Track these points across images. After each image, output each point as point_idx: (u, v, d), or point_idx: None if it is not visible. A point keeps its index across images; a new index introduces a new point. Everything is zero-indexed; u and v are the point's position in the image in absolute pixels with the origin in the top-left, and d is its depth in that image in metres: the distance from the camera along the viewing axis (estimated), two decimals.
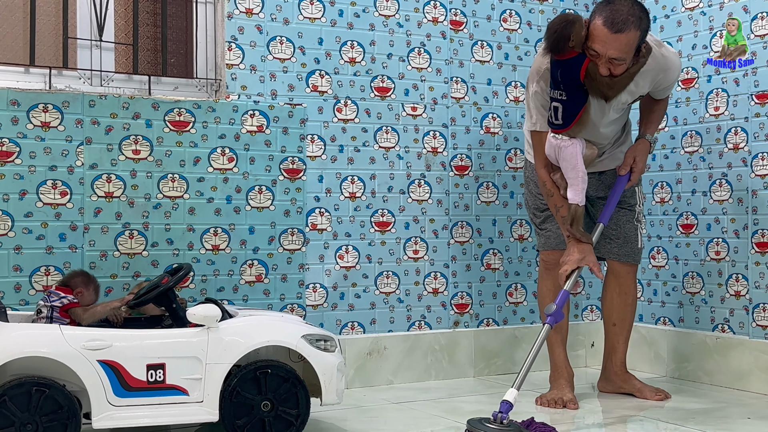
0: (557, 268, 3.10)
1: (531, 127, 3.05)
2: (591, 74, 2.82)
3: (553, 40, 2.83)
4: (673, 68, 3.00)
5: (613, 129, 3.08)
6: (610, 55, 2.77)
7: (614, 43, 2.74)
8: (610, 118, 3.00)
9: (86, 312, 2.56)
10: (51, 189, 2.87)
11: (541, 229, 3.21)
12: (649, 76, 2.95)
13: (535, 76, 2.94)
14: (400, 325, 3.44)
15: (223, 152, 3.13)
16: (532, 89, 2.97)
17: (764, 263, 3.22)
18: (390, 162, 3.43)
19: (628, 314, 3.25)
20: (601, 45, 2.76)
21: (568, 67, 2.83)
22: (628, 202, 3.17)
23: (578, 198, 2.93)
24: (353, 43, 3.37)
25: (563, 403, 3.02)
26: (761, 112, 3.24)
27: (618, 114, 3.03)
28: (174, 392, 2.38)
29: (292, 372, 2.49)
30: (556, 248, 3.15)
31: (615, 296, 3.24)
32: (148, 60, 3.32)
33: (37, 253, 2.85)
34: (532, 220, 3.28)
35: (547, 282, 3.19)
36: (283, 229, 3.22)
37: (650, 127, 3.16)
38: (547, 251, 3.18)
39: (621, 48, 2.76)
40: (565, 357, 3.18)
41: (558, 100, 2.88)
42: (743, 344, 3.27)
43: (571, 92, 2.85)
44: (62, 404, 2.26)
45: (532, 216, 3.27)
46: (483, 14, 3.63)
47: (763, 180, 3.24)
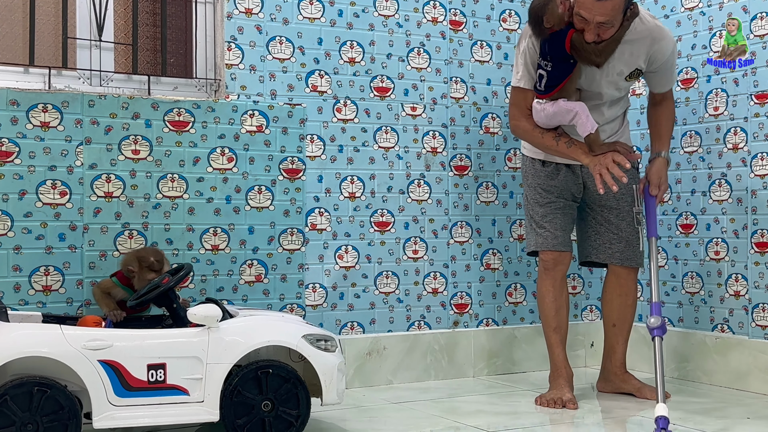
0: (557, 268, 3.11)
1: (515, 83, 3.11)
2: (577, 45, 2.92)
3: (533, 25, 2.99)
4: (667, 39, 3.05)
5: (612, 113, 3.12)
6: (598, 20, 2.85)
7: (600, 9, 2.84)
8: (606, 92, 3.03)
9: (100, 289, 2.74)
10: (50, 189, 2.87)
11: (540, 228, 3.16)
12: (643, 46, 3.01)
13: (528, 32, 3.04)
14: (399, 325, 3.44)
15: (223, 152, 3.12)
16: (523, 45, 3.06)
17: (764, 263, 3.23)
18: (389, 162, 3.43)
19: (629, 315, 3.25)
20: (587, 11, 2.85)
21: (553, 41, 2.95)
22: (625, 203, 3.17)
23: (589, 124, 2.93)
24: (353, 43, 3.37)
25: (562, 402, 3.02)
26: (761, 112, 3.25)
27: (614, 89, 3.05)
28: (174, 392, 2.37)
29: (294, 372, 2.49)
30: (554, 249, 3.13)
31: (615, 297, 3.24)
32: (147, 60, 3.32)
33: (37, 253, 2.84)
34: (531, 218, 3.19)
35: (547, 282, 3.17)
36: (283, 229, 3.22)
37: (663, 142, 3.20)
38: (546, 252, 3.15)
39: (607, 12, 2.84)
40: (565, 357, 3.18)
41: (544, 69, 2.99)
42: (742, 344, 3.28)
43: (557, 63, 2.96)
44: (63, 405, 2.25)
45: (531, 213, 3.19)
46: (482, 14, 3.63)
47: (762, 180, 3.24)
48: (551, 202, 3.15)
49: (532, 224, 3.20)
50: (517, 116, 3.13)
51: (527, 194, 3.23)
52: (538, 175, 3.17)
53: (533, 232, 3.18)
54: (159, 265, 2.73)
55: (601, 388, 3.29)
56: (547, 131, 3.06)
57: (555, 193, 3.15)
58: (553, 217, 3.14)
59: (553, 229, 3.14)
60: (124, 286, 2.75)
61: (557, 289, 3.15)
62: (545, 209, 3.16)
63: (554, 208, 3.15)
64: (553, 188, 3.15)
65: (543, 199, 3.16)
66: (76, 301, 2.89)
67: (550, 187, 3.15)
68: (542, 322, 3.21)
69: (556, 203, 3.16)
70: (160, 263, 2.74)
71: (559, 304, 3.17)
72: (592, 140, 2.96)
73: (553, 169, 3.15)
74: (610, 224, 3.17)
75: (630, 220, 3.18)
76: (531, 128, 3.09)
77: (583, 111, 2.96)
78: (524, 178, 3.25)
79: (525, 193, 3.25)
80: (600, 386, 3.30)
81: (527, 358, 3.67)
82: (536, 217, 3.18)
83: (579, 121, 2.95)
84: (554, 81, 2.98)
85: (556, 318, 3.16)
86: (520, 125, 3.12)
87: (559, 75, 2.97)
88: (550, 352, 3.19)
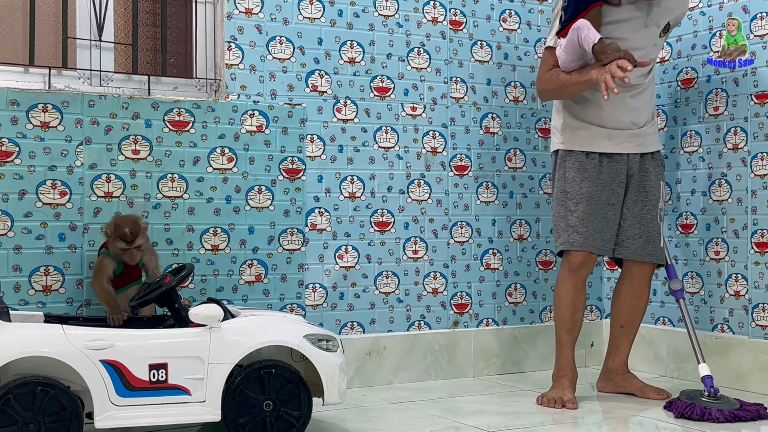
0: (581, 271, 3.09)
1: (546, 44, 3.17)
2: None
3: None
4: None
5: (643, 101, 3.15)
6: None
7: None
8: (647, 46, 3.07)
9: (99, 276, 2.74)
10: (50, 189, 2.86)
11: (572, 227, 3.06)
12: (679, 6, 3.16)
13: None
14: (399, 325, 3.44)
15: (223, 152, 3.12)
16: (558, 7, 3.10)
17: (764, 263, 3.23)
18: (389, 162, 3.43)
19: (638, 318, 3.25)
20: None
21: None
22: (653, 197, 3.16)
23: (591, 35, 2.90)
24: (353, 43, 3.37)
25: (563, 402, 3.01)
26: (761, 112, 3.25)
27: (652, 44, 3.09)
28: (176, 392, 2.37)
29: (296, 373, 2.49)
30: (584, 250, 3.06)
31: (627, 298, 3.22)
32: (147, 60, 3.31)
33: (37, 253, 2.84)
34: (564, 216, 3.09)
35: (568, 284, 3.10)
36: (283, 229, 3.22)
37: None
38: (576, 252, 3.06)
39: None
40: (573, 359, 3.16)
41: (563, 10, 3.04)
42: (742, 344, 3.28)
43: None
44: (66, 405, 2.25)
45: (568, 209, 3.08)
46: (482, 14, 3.63)
47: (762, 180, 3.24)
48: (593, 198, 3.07)
49: (566, 221, 3.10)
50: (540, 74, 3.17)
51: (565, 189, 3.11)
52: (584, 168, 3.09)
53: (566, 230, 3.09)
54: (131, 237, 2.71)
55: (602, 388, 3.29)
56: (562, 72, 3.07)
57: (598, 188, 3.08)
58: (594, 217, 3.06)
59: (588, 230, 3.07)
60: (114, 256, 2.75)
61: (577, 292, 3.11)
62: (590, 206, 3.07)
63: (595, 207, 3.07)
64: (597, 182, 3.08)
65: (589, 193, 3.07)
66: (76, 301, 2.88)
67: (595, 181, 3.08)
68: (556, 322, 3.18)
69: (598, 202, 3.07)
70: (134, 235, 2.71)
71: (576, 307, 3.14)
72: (599, 50, 2.91)
73: (597, 162, 3.09)
74: (635, 217, 3.14)
75: (654, 215, 3.17)
76: (549, 74, 3.10)
77: (584, 25, 2.93)
78: (561, 173, 3.15)
79: (561, 189, 3.14)
80: (600, 386, 3.30)
81: (527, 358, 3.68)
82: (573, 216, 3.08)
83: (582, 35, 2.92)
84: (571, 15, 2.98)
85: (571, 320, 3.13)
86: (541, 78, 3.15)
87: (576, 8, 2.97)
88: (558, 352, 3.17)
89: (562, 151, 3.15)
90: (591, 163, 3.09)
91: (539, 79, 3.18)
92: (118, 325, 2.62)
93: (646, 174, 3.17)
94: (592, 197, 3.07)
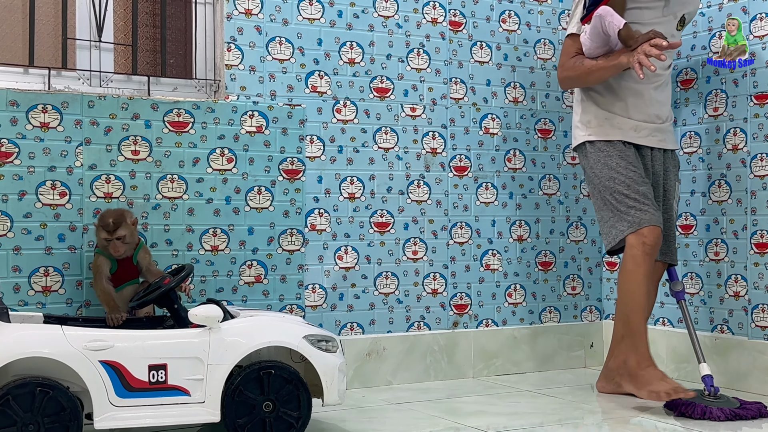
0: (654, 251, 2.98)
1: (568, 32, 3.17)
2: None
3: None
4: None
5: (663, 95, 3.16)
6: None
7: None
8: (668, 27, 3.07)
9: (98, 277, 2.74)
10: (50, 190, 2.86)
11: (631, 207, 2.99)
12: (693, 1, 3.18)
13: None
14: (399, 325, 3.44)
15: (222, 153, 3.12)
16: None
17: (763, 264, 3.23)
18: (389, 163, 3.43)
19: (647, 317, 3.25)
20: None
21: None
22: (670, 196, 3.17)
23: (616, 20, 2.89)
24: (352, 44, 3.37)
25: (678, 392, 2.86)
26: (760, 113, 3.25)
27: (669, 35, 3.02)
28: (176, 393, 2.37)
29: (296, 374, 2.49)
30: (659, 224, 2.99)
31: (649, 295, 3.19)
32: (147, 60, 3.31)
33: (36, 253, 2.84)
34: (620, 202, 3.02)
35: (643, 268, 2.97)
36: (283, 229, 3.22)
37: None
38: (652, 227, 2.96)
39: None
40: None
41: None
42: (742, 345, 3.28)
43: None
44: (65, 406, 2.24)
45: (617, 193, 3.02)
46: (482, 15, 3.63)
47: (762, 181, 3.24)
48: (642, 180, 3.05)
49: (624, 205, 3.02)
50: (562, 61, 3.17)
51: (612, 176, 3.06)
52: (626, 155, 3.08)
53: (629, 211, 3.00)
54: (114, 227, 2.71)
55: (602, 389, 3.28)
56: (587, 58, 3.07)
57: (640, 174, 3.07)
58: (650, 196, 3.03)
59: (651, 206, 3.00)
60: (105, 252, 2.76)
61: (649, 279, 3.03)
62: (644, 186, 3.02)
63: (647, 188, 3.04)
64: (639, 168, 3.08)
65: (638, 176, 3.04)
66: (76, 301, 2.88)
67: (637, 167, 3.08)
68: (629, 309, 3.02)
69: (648, 183, 3.07)
70: (116, 225, 2.71)
71: (649, 296, 3.11)
72: (625, 35, 2.90)
73: (633, 152, 3.11)
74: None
75: (671, 214, 3.19)
76: (572, 61, 3.10)
77: (607, 11, 2.92)
78: (602, 163, 3.10)
79: (608, 177, 3.07)
80: (600, 386, 3.29)
81: (527, 358, 3.68)
82: (635, 195, 3.01)
83: (606, 21, 2.92)
84: (594, 1, 2.97)
85: (647, 310, 3.07)
86: (564, 65, 3.15)
87: None
88: (638, 341, 3.01)
89: (599, 143, 3.13)
90: (630, 151, 3.11)
91: (561, 66, 3.19)
92: (117, 325, 2.62)
93: (667, 173, 3.22)
94: (641, 179, 3.06)
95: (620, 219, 3.04)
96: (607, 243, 3.12)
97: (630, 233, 3.01)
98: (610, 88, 3.14)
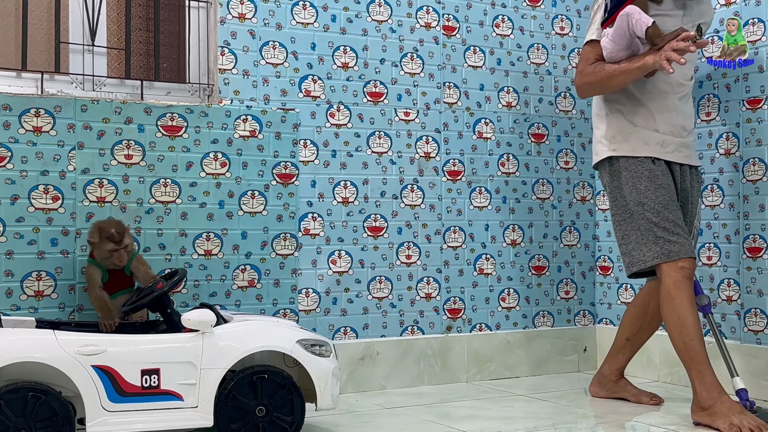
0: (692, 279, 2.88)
1: (586, 39, 3.07)
2: None
3: None
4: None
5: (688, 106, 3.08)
6: None
7: None
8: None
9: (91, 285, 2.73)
10: (43, 194, 2.86)
11: (660, 238, 2.86)
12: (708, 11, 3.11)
13: None
14: (392, 330, 3.44)
15: (216, 157, 3.12)
16: (598, 3, 3.05)
17: (756, 268, 3.24)
18: (383, 167, 3.43)
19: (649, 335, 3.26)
20: None
21: None
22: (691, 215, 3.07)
23: (644, 19, 2.83)
24: (346, 48, 3.37)
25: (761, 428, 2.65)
26: (752, 118, 3.26)
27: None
28: (168, 397, 2.37)
29: (289, 378, 2.48)
30: (692, 255, 2.87)
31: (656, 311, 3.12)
32: (140, 65, 3.31)
33: (29, 258, 2.83)
34: (649, 230, 2.89)
35: (686, 294, 2.82)
36: (276, 234, 3.21)
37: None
38: (687, 259, 2.84)
39: None
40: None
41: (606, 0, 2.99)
42: (735, 349, 3.28)
43: None
44: (57, 411, 2.24)
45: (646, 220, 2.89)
46: (475, 20, 3.63)
47: (754, 185, 3.25)
48: (672, 203, 2.91)
49: (654, 233, 2.88)
50: (580, 69, 3.05)
51: (641, 201, 2.92)
52: (655, 175, 2.93)
53: (658, 242, 2.87)
54: (119, 236, 2.71)
55: (595, 393, 3.28)
56: (608, 63, 2.97)
57: (670, 194, 2.93)
58: (680, 222, 2.91)
59: (686, 235, 2.89)
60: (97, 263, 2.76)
61: (694, 303, 2.85)
62: (673, 212, 2.89)
63: (677, 212, 2.91)
64: (668, 188, 2.94)
65: (667, 200, 2.90)
66: (69, 306, 2.87)
67: (667, 187, 2.94)
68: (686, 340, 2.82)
69: (676, 207, 2.92)
70: (121, 234, 2.72)
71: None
72: (652, 33, 2.83)
73: (664, 168, 2.97)
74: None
75: (691, 230, 3.07)
76: (592, 67, 2.99)
77: (634, 10, 2.86)
78: (631, 185, 2.96)
79: (635, 201, 2.93)
80: (593, 391, 3.30)
81: (520, 363, 3.68)
82: (665, 224, 2.87)
83: (634, 20, 2.84)
84: (617, 3, 2.92)
85: (701, 333, 2.83)
86: (583, 72, 3.03)
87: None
88: (704, 371, 2.80)
89: (624, 160, 2.98)
90: (659, 170, 2.95)
91: (579, 74, 3.05)
92: (110, 330, 2.62)
93: (691, 190, 3.08)
94: (672, 203, 2.92)
95: (649, 246, 2.89)
96: (631, 265, 2.95)
97: (662, 262, 2.87)
98: (634, 98, 3.01)
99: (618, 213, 3.00)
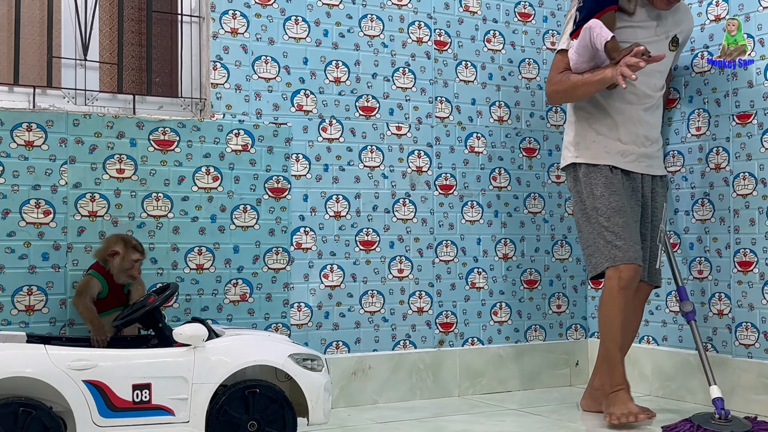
0: (632, 285, 3.03)
1: (558, 48, 3.20)
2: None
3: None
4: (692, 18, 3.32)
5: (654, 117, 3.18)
6: None
7: None
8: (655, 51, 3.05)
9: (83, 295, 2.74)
10: (34, 208, 2.85)
11: (619, 240, 3.01)
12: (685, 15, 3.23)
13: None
14: (384, 344, 3.43)
15: (208, 171, 3.12)
16: (571, 13, 3.14)
17: (746, 282, 3.25)
18: (375, 181, 3.44)
19: (631, 338, 3.28)
20: None
21: None
22: (656, 219, 3.19)
23: (604, 33, 2.93)
24: (338, 63, 3.38)
25: (635, 416, 2.94)
26: (742, 132, 3.27)
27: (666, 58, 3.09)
28: (160, 412, 2.36)
29: (281, 393, 2.48)
30: (635, 263, 3.02)
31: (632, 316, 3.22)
32: (132, 79, 3.31)
33: (20, 272, 2.83)
34: (599, 234, 3.05)
35: (620, 301, 3.03)
36: (268, 248, 3.21)
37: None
38: (628, 266, 3.00)
39: None
40: (625, 372, 3.12)
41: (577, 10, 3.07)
42: (726, 363, 3.29)
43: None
44: (48, 426, 2.23)
45: (605, 224, 3.04)
46: (467, 35, 3.65)
47: (744, 200, 3.26)
48: (624, 211, 3.05)
49: (603, 238, 3.05)
50: (550, 77, 3.19)
51: (596, 206, 3.08)
52: (610, 182, 3.08)
53: (606, 246, 3.04)
54: (142, 247, 2.83)
55: (586, 407, 3.29)
56: (573, 73, 3.10)
57: (625, 202, 3.08)
58: (631, 228, 3.05)
59: (632, 242, 3.03)
60: (101, 276, 2.77)
61: (628, 309, 3.08)
62: (623, 218, 3.04)
63: (630, 219, 3.06)
64: (623, 196, 3.08)
65: (619, 206, 3.05)
66: (60, 321, 2.87)
67: (622, 195, 3.08)
68: (607, 339, 3.10)
69: (630, 214, 3.08)
70: (142, 246, 2.83)
71: (626, 324, 3.13)
72: (611, 48, 2.94)
73: (620, 177, 3.11)
74: (643, 239, 3.17)
75: (656, 236, 3.20)
76: (560, 76, 3.13)
77: (596, 24, 2.96)
78: (588, 190, 3.12)
79: (591, 206, 3.10)
80: (585, 405, 3.30)
81: (512, 377, 3.68)
82: (614, 228, 3.03)
83: (595, 33, 2.95)
84: (585, 16, 3.01)
85: (622, 337, 3.11)
86: (552, 80, 3.17)
87: (590, 10, 3.00)
88: (611, 368, 3.09)
89: (585, 167, 3.14)
90: (616, 178, 3.10)
91: (549, 81, 3.21)
92: (102, 346, 2.61)
93: (654, 195, 3.22)
94: (623, 210, 3.06)
95: (599, 251, 3.07)
96: (588, 269, 3.16)
97: (608, 266, 3.05)
98: (601, 107, 3.15)
99: (579, 217, 3.18)
